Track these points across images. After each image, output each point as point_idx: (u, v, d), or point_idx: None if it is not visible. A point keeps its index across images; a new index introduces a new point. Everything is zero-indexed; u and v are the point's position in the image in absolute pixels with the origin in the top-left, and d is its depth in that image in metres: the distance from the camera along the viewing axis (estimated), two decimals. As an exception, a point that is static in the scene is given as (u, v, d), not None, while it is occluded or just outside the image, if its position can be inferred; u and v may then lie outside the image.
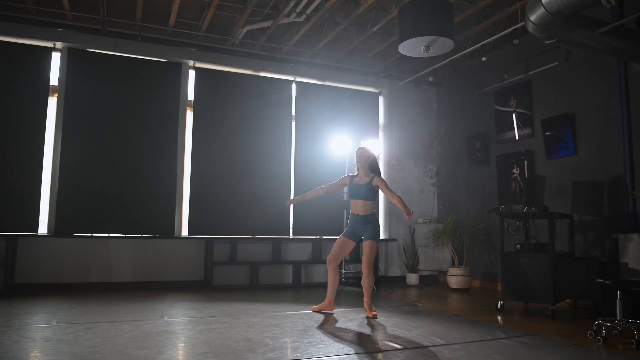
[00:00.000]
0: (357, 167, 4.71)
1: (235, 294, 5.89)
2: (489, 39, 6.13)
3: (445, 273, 7.10)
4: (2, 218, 5.78)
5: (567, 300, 5.21)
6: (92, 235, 6.13)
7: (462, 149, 7.52)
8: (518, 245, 5.00)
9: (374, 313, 4.52)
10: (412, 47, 4.91)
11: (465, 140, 7.45)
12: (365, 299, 4.61)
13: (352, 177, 4.73)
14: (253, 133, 7.00)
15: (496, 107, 6.90)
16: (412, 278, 7.20)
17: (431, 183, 7.95)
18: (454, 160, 7.72)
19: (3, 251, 5.59)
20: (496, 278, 6.74)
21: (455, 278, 6.70)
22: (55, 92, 6.20)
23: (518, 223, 5.24)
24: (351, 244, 4.75)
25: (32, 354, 3.12)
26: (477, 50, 6.52)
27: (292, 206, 7.07)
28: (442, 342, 3.55)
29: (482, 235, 6.85)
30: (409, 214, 4.29)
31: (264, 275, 6.68)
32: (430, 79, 7.37)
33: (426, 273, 7.55)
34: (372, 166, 4.66)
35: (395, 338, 3.64)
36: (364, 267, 4.55)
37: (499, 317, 4.67)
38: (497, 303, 5.00)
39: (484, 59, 6.38)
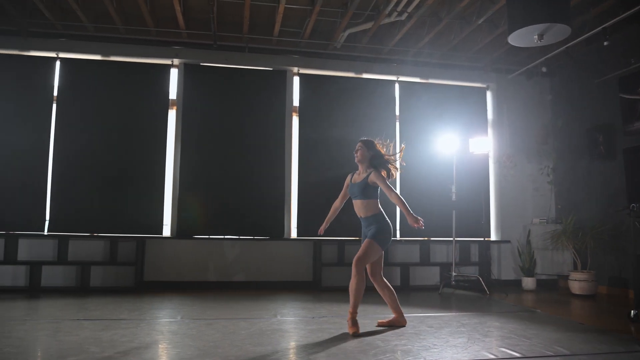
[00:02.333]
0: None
1: (344, 295, 5.91)
2: (611, 21, 5.59)
3: (566, 277, 6.58)
4: (132, 221, 6.39)
5: None
6: (209, 237, 6.54)
7: (582, 143, 6.93)
8: (653, 248, 4.49)
9: (354, 330, 3.74)
10: (523, 37, 4.63)
11: (586, 133, 6.85)
12: (349, 309, 3.85)
13: (353, 174, 4.20)
14: (357, 134, 6.98)
15: (622, 95, 6.26)
16: (529, 282, 6.76)
17: (547, 181, 7.43)
18: (573, 155, 7.14)
19: (134, 251, 6.18)
20: (627, 284, 6.10)
21: (577, 283, 6.19)
22: (174, 105, 6.72)
23: (653, 223, 4.70)
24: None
25: (161, 346, 3.40)
26: (596, 34, 5.97)
27: (397, 208, 6.98)
28: (567, 352, 3.28)
29: (608, 236, 6.24)
30: (417, 222, 3.71)
31: (371, 277, 6.66)
32: (544, 69, 6.89)
33: (544, 277, 7.05)
34: (372, 161, 4.04)
35: (512, 345, 3.44)
36: (353, 266, 3.85)
37: (633, 328, 4.22)
38: (630, 312, 4.51)
39: (605, 43, 5.81)
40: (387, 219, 4.04)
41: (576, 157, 7.07)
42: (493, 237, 7.37)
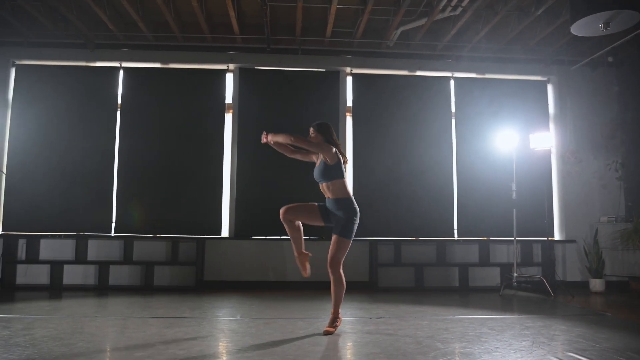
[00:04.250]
0: None
1: (401, 296, 5.88)
2: (686, 5, 5.22)
3: (638, 279, 6.21)
4: (192, 223, 6.60)
5: None
6: (266, 238, 6.65)
7: (655, 136, 6.51)
8: None
9: (328, 329, 3.75)
10: (587, 26, 4.42)
11: (658, 125, 6.44)
12: (332, 309, 3.86)
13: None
14: (412, 133, 6.94)
15: (699, 84, 5.84)
16: (597, 284, 6.43)
17: (616, 177, 7.03)
18: (644, 149, 6.72)
19: (194, 252, 6.38)
20: None
21: (652, 285, 5.82)
22: (230, 109, 6.89)
23: None
24: (317, 217, 3.95)
25: (221, 344, 3.49)
26: (669, 20, 5.59)
27: (455, 207, 6.84)
28: (642, 358, 3.10)
29: (686, 235, 5.84)
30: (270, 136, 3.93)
31: (429, 277, 6.57)
32: (610, 59, 6.55)
33: (614, 279, 6.66)
34: (327, 143, 3.97)
35: (581, 350, 3.28)
36: (328, 268, 3.80)
37: None
38: None
39: (679, 29, 5.46)
40: (355, 204, 3.87)
41: (648, 151, 6.65)
42: (557, 237, 7.06)
